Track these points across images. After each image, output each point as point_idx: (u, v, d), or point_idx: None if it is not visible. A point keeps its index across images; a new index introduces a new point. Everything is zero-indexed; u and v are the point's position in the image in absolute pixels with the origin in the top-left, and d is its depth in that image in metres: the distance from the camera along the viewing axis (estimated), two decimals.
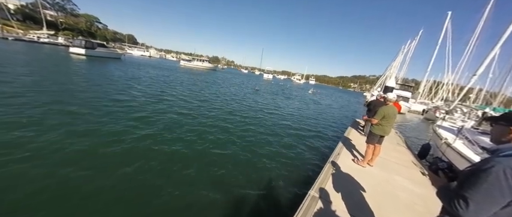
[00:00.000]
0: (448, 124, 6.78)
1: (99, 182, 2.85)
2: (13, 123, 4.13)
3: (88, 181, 2.83)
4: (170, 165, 3.59)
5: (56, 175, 2.85)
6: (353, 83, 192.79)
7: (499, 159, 0.87)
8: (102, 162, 3.35)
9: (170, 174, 3.35)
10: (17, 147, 3.33)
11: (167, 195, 2.85)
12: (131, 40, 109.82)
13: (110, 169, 3.16)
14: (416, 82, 37.41)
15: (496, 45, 5.62)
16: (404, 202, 2.74)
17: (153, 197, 2.77)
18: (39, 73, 9.76)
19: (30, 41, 36.68)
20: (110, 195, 2.67)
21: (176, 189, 2.98)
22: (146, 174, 3.22)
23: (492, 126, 1.09)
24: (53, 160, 3.16)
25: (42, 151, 3.35)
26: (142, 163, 3.46)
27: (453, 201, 0.94)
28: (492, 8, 16.52)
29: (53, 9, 70.05)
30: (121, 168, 3.24)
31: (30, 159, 3.10)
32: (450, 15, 22.39)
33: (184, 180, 3.26)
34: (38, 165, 2.98)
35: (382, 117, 3.44)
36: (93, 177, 2.94)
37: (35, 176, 2.77)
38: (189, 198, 2.87)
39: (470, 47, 21.01)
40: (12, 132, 3.76)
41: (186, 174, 3.41)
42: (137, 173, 3.19)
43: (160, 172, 3.33)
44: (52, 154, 3.32)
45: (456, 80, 25.34)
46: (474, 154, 3.98)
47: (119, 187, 2.83)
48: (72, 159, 3.26)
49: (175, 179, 3.24)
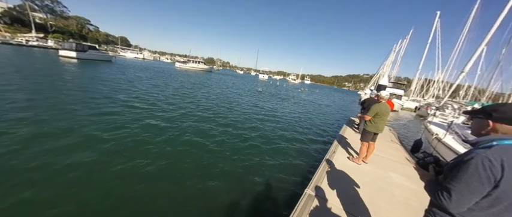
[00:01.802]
0: (438, 120, 6.97)
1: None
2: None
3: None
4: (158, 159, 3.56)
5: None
6: (347, 82, 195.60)
7: (478, 151, 0.91)
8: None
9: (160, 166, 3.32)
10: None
11: (167, 194, 2.83)
12: (124, 42, 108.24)
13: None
14: (408, 80, 38.32)
15: (483, 42, 5.81)
16: (398, 198, 2.80)
17: (147, 203, 2.73)
18: (29, 77, 9.48)
19: (18, 44, 35.64)
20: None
21: (171, 184, 2.95)
22: (139, 180, 3.18)
23: (472, 119, 1.13)
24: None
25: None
26: (141, 167, 3.41)
27: (437, 193, 0.98)
28: (479, 7, 17.09)
29: (42, 11, 68.32)
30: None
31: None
32: (439, 14, 23.04)
33: (179, 177, 3.24)
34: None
35: (375, 114, 3.51)
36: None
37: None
38: (185, 196, 2.85)
39: (459, 45, 21.70)
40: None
41: (178, 172, 3.38)
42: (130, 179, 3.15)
43: (159, 173, 3.30)
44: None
45: (446, 77, 26.10)
46: (463, 149, 4.11)
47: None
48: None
49: (169, 171, 3.21)
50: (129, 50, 76.59)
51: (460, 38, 21.10)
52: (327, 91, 50.49)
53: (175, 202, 2.78)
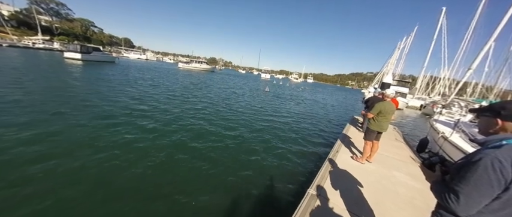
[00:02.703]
0: (444, 119, 6.82)
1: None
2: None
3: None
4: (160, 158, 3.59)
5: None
6: (351, 80, 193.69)
7: (487, 151, 0.87)
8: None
9: (164, 167, 3.35)
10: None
11: (167, 196, 2.84)
12: (128, 43, 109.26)
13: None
14: (413, 78, 37.68)
15: (490, 38, 5.65)
16: (403, 197, 2.75)
17: (152, 199, 2.75)
18: (40, 79, 9.68)
19: (25, 47, 36.36)
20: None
21: (175, 186, 2.97)
22: (149, 176, 3.21)
23: (479, 118, 1.08)
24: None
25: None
26: (148, 166, 3.45)
27: (444, 195, 0.94)
28: (486, 3, 16.67)
29: (48, 14, 69.60)
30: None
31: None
32: (445, 10, 22.60)
33: (181, 178, 3.26)
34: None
35: (378, 112, 3.45)
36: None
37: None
38: (186, 196, 2.86)
39: (466, 42, 21.22)
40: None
41: (181, 172, 3.40)
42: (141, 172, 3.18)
43: (161, 172, 3.33)
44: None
45: (452, 74, 25.58)
46: (471, 148, 4.01)
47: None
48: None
49: (174, 173, 3.22)
50: (133, 51, 77.44)
51: (466, 35, 20.63)
52: (330, 90, 50.10)
53: (179, 200, 2.79)
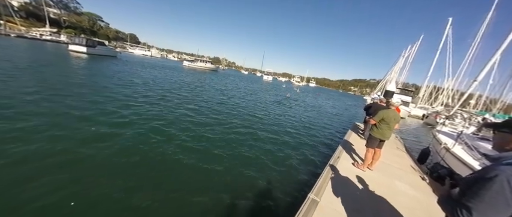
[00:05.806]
0: (447, 130, 6.78)
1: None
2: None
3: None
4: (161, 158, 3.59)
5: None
6: (353, 86, 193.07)
7: (503, 168, 0.85)
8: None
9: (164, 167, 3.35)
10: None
11: (168, 196, 2.85)
12: (133, 39, 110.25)
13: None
14: (416, 87, 37.46)
15: (497, 51, 5.64)
16: (404, 207, 2.73)
17: (147, 200, 2.77)
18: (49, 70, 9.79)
19: (33, 38, 36.86)
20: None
21: (174, 188, 2.98)
22: (147, 178, 3.22)
23: (495, 133, 1.05)
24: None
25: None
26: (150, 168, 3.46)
27: (456, 210, 0.91)
28: (493, 13, 16.62)
29: (56, 7, 70.50)
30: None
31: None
32: (451, 21, 22.50)
33: (179, 179, 3.26)
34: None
35: (380, 119, 3.44)
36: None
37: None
38: (186, 196, 2.87)
39: (471, 53, 21.09)
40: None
41: (181, 176, 3.41)
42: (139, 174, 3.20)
43: (159, 174, 3.34)
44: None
45: (456, 85, 25.41)
46: (473, 160, 3.98)
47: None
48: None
49: (173, 173, 3.23)
50: (138, 47, 78.00)
51: (471, 46, 20.50)
52: (332, 95, 49.99)
53: (180, 202, 2.80)
